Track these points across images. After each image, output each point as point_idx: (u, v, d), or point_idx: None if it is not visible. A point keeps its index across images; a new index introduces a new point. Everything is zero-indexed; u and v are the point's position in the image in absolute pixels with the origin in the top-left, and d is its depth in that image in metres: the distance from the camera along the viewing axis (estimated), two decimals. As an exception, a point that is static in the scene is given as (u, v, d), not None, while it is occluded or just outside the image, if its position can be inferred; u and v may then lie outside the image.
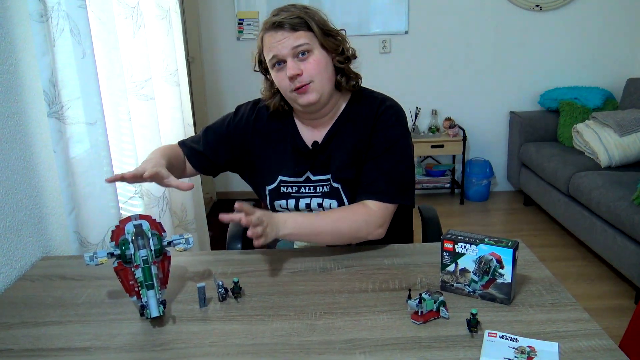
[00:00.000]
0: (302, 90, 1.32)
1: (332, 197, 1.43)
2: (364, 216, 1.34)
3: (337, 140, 1.43)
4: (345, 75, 1.40)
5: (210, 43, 3.96)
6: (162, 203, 2.08)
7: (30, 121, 1.42)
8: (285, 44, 1.30)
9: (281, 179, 1.45)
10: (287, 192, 1.45)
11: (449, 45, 3.94)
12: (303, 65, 1.31)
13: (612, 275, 2.84)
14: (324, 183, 1.44)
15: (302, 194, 1.44)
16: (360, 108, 1.42)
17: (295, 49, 1.30)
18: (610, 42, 3.91)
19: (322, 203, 1.43)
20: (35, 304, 1.18)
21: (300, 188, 1.45)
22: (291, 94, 1.34)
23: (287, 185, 1.45)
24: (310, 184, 1.44)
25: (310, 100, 1.33)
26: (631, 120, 3.19)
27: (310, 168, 1.44)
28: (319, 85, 1.33)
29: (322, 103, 1.37)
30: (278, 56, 1.31)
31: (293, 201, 1.45)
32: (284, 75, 1.32)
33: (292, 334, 1.02)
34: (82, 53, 1.49)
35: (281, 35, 1.30)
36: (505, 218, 3.77)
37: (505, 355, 0.92)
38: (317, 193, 1.44)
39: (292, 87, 1.32)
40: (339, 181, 1.42)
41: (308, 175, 1.44)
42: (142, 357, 0.97)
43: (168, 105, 2.27)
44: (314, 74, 1.32)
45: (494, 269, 1.08)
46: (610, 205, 2.66)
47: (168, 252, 1.16)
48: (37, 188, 1.44)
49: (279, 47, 1.30)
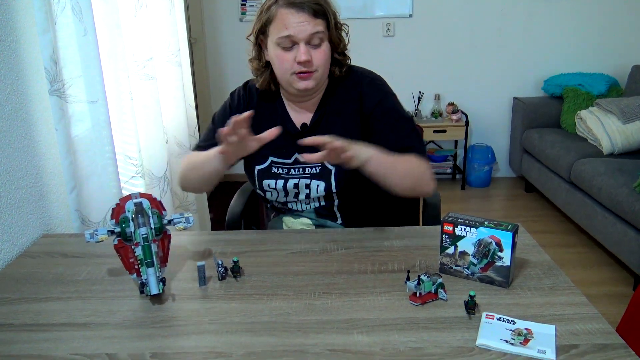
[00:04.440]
0: (305, 76, 1.32)
1: (321, 178, 1.43)
2: (427, 170, 1.36)
3: (325, 121, 1.44)
4: (339, 65, 1.42)
5: (213, 24, 3.93)
6: (163, 183, 2.08)
7: (32, 99, 1.41)
8: (305, 27, 1.29)
9: (272, 159, 1.46)
10: (277, 172, 1.46)
11: (453, 30, 3.91)
12: (313, 53, 1.31)
13: (612, 262, 2.84)
14: (313, 164, 1.43)
15: (292, 175, 1.45)
16: (343, 85, 1.44)
17: (312, 35, 1.30)
18: (616, 29, 3.87)
19: (310, 184, 1.43)
20: (36, 280, 1.19)
21: (290, 170, 1.45)
22: (290, 76, 1.34)
23: (278, 166, 1.46)
24: (299, 165, 1.45)
25: (308, 87, 1.34)
26: (635, 108, 3.17)
27: (299, 150, 1.44)
28: (321, 75, 1.35)
29: (314, 90, 1.39)
30: (294, 37, 1.29)
31: (282, 181, 1.45)
32: (289, 56, 1.31)
33: (290, 313, 1.03)
34: (83, 31, 1.48)
35: (302, 18, 1.29)
36: (506, 204, 3.77)
37: (502, 337, 0.93)
38: (306, 174, 1.44)
39: (294, 70, 1.32)
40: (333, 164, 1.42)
41: (297, 157, 1.45)
42: (141, 333, 0.98)
43: (170, 85, 2.26)
44: (320, 64, 1.33)
45: (493, 252, 1.08)
46: (612, 192, 2.66)
47: (168, 230, 1.17)
48: (38, 166, 1.44)
49: (298, 29, 1.29)
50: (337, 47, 1.39)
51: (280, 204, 1.49)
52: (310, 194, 1.44)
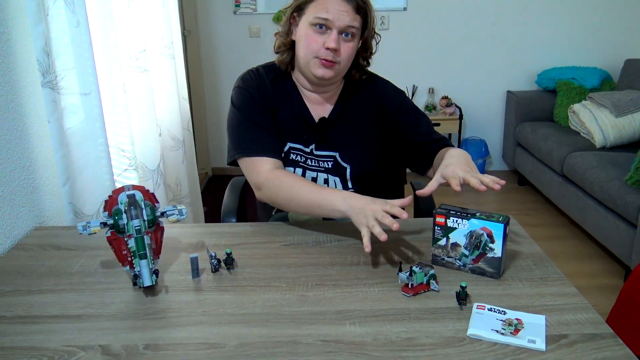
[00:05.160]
0: (327, 64, 1.33)
1: (336, 174, 1.46)
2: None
3: (344, 119, 1.46)
4: (360, 70, 1.46)
5: (207, 17, 3.91)
6: (156, 176, 2.08)
7: (24, 91, 1.41)
8: (345, 17, 1.30)
9: (290, 145, 1.46)
10: (296, 160, 1.47)
11: (448, 23, 3.91)
12: (342, 44, 1.33)
13: (603, 254, 2.87)
14: (326, 159, 1.46)
15: (309, 166, 1.47)
16: (364, 85, 1.48)
17: (348, 27, 1.32)
18: (609, 23, 3.88)
19: (328, 179, 1.46)
20: (29, 272, 1.19)
21: (307, 160, 1.47)
22: (313, 59, 1.34)
23: (296, 153, 1.47)
24: (313, 157, 1.46)
25: (325, 75, 1.35)
26: (627, 101, 3.18)
27: (316, 141, 1.47)
28: (342, 68, 1.38)
29: (330, 82, 1.41)
30: (330, 22, 1.30)
31: (300, 170, 1.46)
32: (320, 40, 1.32)
33: (283, 305, 1.03)
34: (76, 22, 1.47)
35: (344, 7, 1.31)
36: (499, 197, 3.79)
37: (493, 327, 0.94)
38: (320, 168, 1.46)
39: (319, 54, 1.33)
40: (349, 162, 1.45)
41: (312, 148, 1.46)
42: (134, 325, 0.98)
43: (163, 78, 2.25)
44: (345, 57, 1.35)
45: (484, 243, 1.09)
46: (604, 185, 2.67)
47: (161, 222, 1.17)
48: (31, 158, 1.44)
49: (339, 16, 1.30)
50: (365, 51, 1.42)
51: None
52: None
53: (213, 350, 0.91)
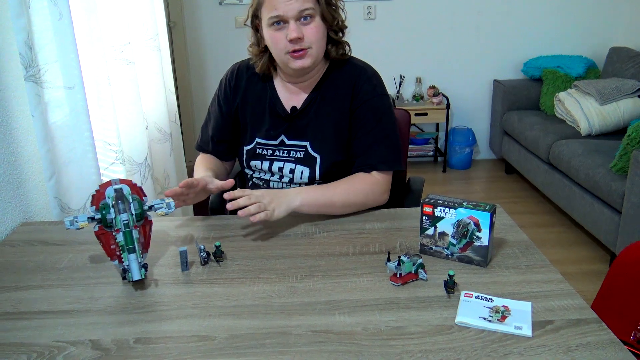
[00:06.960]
0: (299, 55, 1.32)
1: (306, 164, 1.44)
2: (371, 185, 1.39)
3: (316, 107, 1.44)
4: (336, 44, 1.41)
5: (192, 8, 3.87)
6: (144, 169, 2.07)
7: (7, 85, 1.39)
8: (292, 5, 1.29)
9: (258, 140, 1.47)
10: (262, 153, 1.47)
11: (434, 13, 3.91)
12: (304, 29, 1.31)
13: (589, 241, 2.90)
14: (298, 148, 1.45)
15: (277, 157, 1.46)
16: (340, 75, 1.44)
17: (301, 12, 1.30)
18: (594, 11, 3.90)
19: (295, 169, 1.44)
20: (16, 268, 1.18)
21: (275, 151, 1.47)
22: (285, 56, 1.33)
23: (263, 147, 1.47)
24: (284, 147, 1.46)
25: (304, 65, 1.34)
26: (612, 89, 3.21)
27: (286, 132, 1.45)
28: (316, 52, 1.35)
29: (311, 69, 1.39)
30: (281, 16, 1.29)
31: (267, 163, 1.47)
32: (282, 36, 1.31)
33: (273, 296, 1.04)
34: (58, 14, 1.45)
35: None
36: (486, 186, 3.82)
37: (481, 315, 0.95)
38: (290, 158, 1.45)
39: (288, 49, 1.32)
40: (319, 152, 1.43)
41: (283, 139, 1.45)
42: (124, 319, 0.98)
43: (149, 70, 2.23)
44: (314, 40, 1.33)
45: (471, 232, 1.10)
46: (589, 172, 2.70)
47: (149, 216, 1.16)
48: (15, 153, 1.42)
49: (286, 8, 1.29)
50: (332, 25, 1.37)
51: (263, 181, 1.50)
52: (293, 178, 1.44)
53: (203, 343, 0.91)
